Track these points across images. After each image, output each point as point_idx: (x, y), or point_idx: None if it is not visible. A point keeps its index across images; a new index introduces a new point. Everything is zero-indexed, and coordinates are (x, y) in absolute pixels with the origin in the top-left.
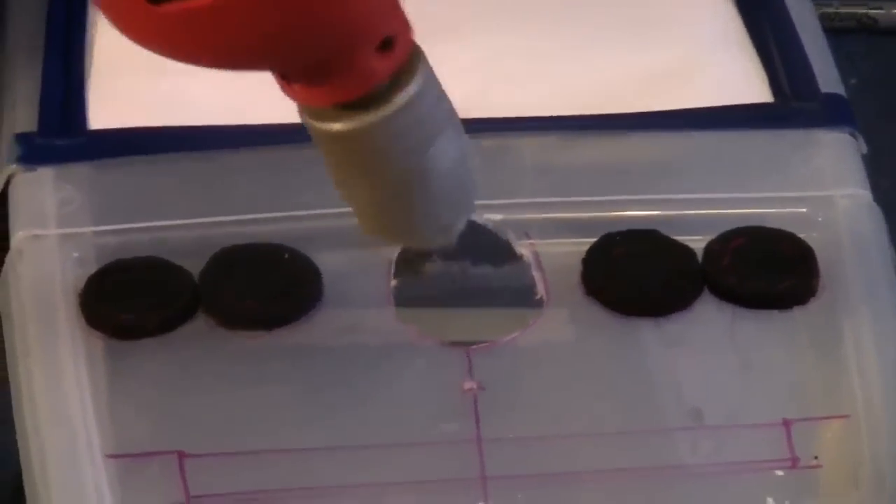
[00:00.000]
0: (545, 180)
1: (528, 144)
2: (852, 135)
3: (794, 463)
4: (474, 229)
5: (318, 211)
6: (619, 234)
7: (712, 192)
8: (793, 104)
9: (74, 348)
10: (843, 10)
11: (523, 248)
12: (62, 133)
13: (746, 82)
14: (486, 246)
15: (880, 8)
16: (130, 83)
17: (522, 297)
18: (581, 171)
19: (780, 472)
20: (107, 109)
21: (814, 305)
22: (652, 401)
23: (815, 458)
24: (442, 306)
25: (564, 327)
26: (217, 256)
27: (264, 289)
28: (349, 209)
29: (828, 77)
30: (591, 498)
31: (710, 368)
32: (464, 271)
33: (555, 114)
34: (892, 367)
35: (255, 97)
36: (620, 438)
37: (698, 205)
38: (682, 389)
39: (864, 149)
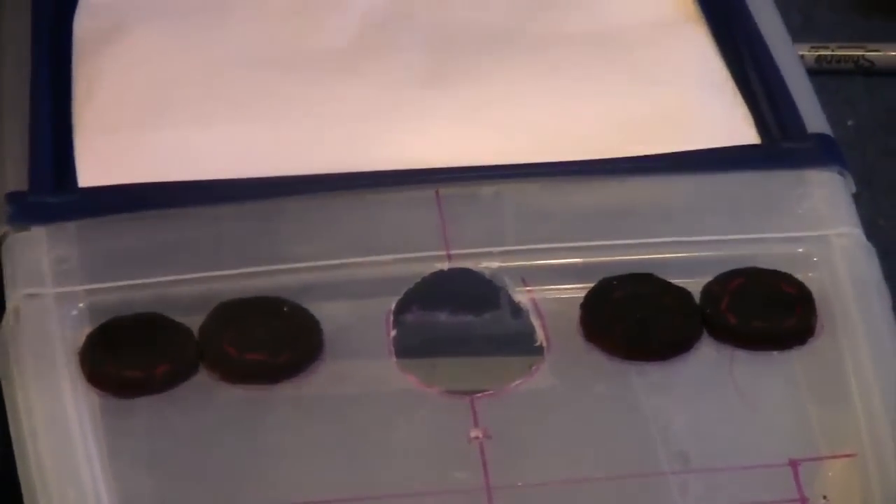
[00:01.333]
0: (540, 227)
1: (521, 191)
2: (841, 173)
3: (803, 503)
4: (470, 278)
5: (314, 263)
6: (616, 278)
7: (706, 234)
8: (782, 144)
9: (77, 407)
10: (839, 53)
11: (521, 296)
12: (54, 191)
13: (733, 124)
14: (484, 294)
15: (877, 50)
16: (118, 139)
17: (522, 344)
18: (574, 217)
19: None
20: (96, 166)
21: (813, 345)
22: (657, 444)
23: (824, 497)
24: (442, 356)
25: (566, 373)
26: (216, 311)
27: (265, 343)
28: (346, 260)
29: (813, 117)
30: None
31: (714, 410)
32: (462, 320)
33: (544, 160)
34: None
35: (247, 150)
36: (630, 482)
37: (693, 247)
38: (686, 432)
39: (854, 188)
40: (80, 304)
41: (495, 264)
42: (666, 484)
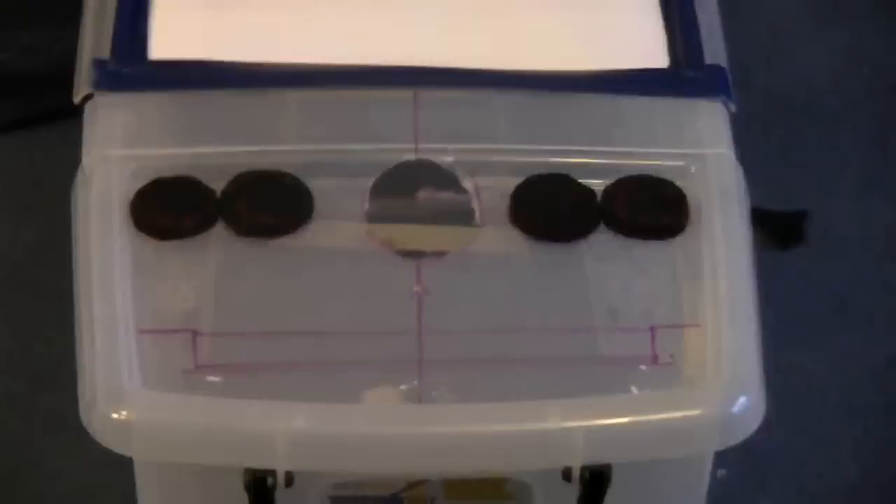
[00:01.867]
0: (487, 130)
1: (469, 98)
2: (725, 103)
3: (654, 360)
4: (431, 167)
5: (312, 146)
6: (539, 176)
7: (612, 146)
8: (681, 73)
9: (123, 245)
10: None
11: (467, 183)
12: (130, 62)
13: (649, 47)
14: (440, 180)
15: None
16: (190, 17)
17: (464, 221)
18: (512, 124)
19: (643, 367)
20: (167, 41)
21: (684, 237)
22: (561, 305)
23: (671, 356)
24: (404, 224)
25: (495, 246)
26: (235, 179)
27: (269, 206)
28: (337, 146)
29: (714, 48)
30: (510, 377)
31: (604, 282)
32: (421, 198)
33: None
34: (739, 288)
35: (306, 36)
36: (538, 335)
37: (601, 156)
38: (584, 295)
39: (734, 108)
40: (136, 166)
41: (451, 158)
42: (560, 334)
